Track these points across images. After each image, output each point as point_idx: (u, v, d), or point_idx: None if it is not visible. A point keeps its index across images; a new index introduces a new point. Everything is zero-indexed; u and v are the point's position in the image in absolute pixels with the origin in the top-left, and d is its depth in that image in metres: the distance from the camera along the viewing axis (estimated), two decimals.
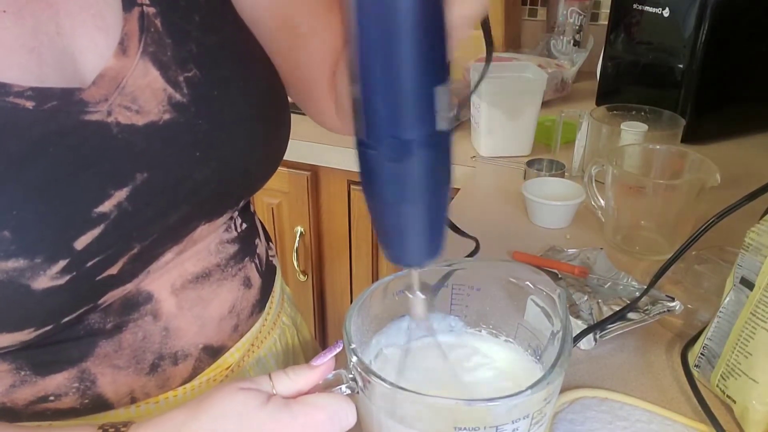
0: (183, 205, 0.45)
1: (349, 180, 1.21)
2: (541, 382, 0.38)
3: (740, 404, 0.51)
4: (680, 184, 0.78)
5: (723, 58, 1.07)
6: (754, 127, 1.16)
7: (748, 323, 0.51)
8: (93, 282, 0.41)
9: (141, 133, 0.41)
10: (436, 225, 0.34)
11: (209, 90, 0.45)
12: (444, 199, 0.34)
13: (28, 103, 0.37)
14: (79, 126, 0.39)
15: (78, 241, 0.39)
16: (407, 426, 0.40)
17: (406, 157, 0.31)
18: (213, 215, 0.49)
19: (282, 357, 0.63)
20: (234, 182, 0.49)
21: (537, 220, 0.87)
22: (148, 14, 0.43)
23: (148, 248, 0.44)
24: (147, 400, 0.50)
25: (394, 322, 0.50)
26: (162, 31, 0.43)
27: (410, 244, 0.35)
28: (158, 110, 0.42)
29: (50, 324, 0.41)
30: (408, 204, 0.33)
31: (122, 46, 0.42)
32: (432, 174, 0.32)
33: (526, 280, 0.47)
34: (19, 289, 0.37)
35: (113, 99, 0.41)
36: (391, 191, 0.32)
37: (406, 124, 0.31)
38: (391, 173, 0.32)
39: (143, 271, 0.46)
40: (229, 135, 0.47)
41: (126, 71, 0.41)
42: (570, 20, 1.44)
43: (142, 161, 0.42)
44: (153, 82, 0.42)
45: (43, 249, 0.38)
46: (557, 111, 1.03)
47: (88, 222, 0.39)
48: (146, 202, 0.42)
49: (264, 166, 0.53)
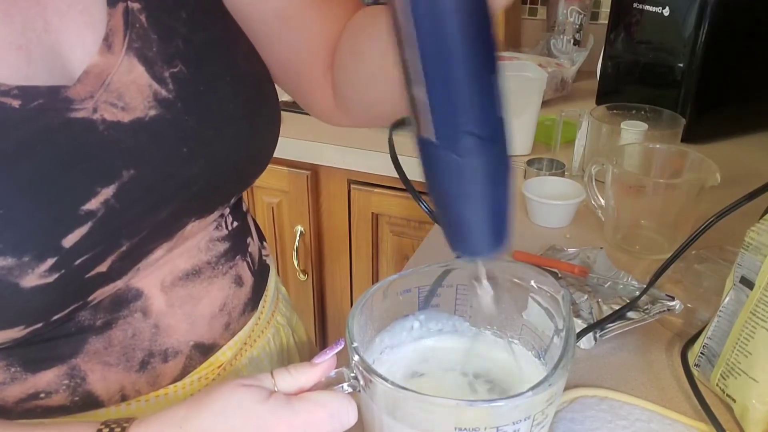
0: (172, 202, 0.45)
1: (349, 179, 1.21)
2: (543, 384, 0.38)
3: (740, 403, 0.52)
4: (680, 183, 0.78)
5: (723, 57, 1.07)
6: (754, 126, 1.17)
7: (748, 322, 0.51)
8: (82, 280, 0.41)
9: (127, 129, 0.41)
10: (506, 213, 0.35)
11: (196, 86, 0.45)
12: (510, 186, 0.34)
13: (14, 102, 0.37)
14: (65, 124, 0.39)
15: (66, 239, 0.39)
16: (408, 426, 0.40)
17: (478, 150, 0.32)
18: (203, 212, 0.49)
19: (276, 357, 0.63)
20: (223, 178, 0.49)
21: (537, 219, 0.87)
22: (132, 9, 0.43)
23: (138, 245, 0.44)
24: (138, 398, 0.50)
25: (397, 322, 0.50)
26: (147, 26, 0.43)
27: (482, 234, 0.35)
28: (144, 106, 0.42)
29: (40, 322, 0.41)
30: (481, 195, 0.33)
31: (107, 42, 0.41)
32: (501, 162, 0.33)
33: (530, 281, 0.47)
34: (8, 287, 0.38)
35: (99, 96, 0.40)
36: (463, 184, 0.33)
37: (478, 118, 0.31)
38: (463, 167, 0.32)
39: (133, 268, 0.46)
40: (216, 131, 0.46)
41: (111, 68, 0.41)
42: (570, 19, 1.44)
43: (129, 158, 0.41)
44: (138, 78, 0.42)
45: (31, 247, 0.38)
46: (557, 110, 1.03)
47: (75, 220, 0.39)
48: (134, 199, 0.42)
49: (253, 162, 0.53)
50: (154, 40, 0.43)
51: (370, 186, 1.19)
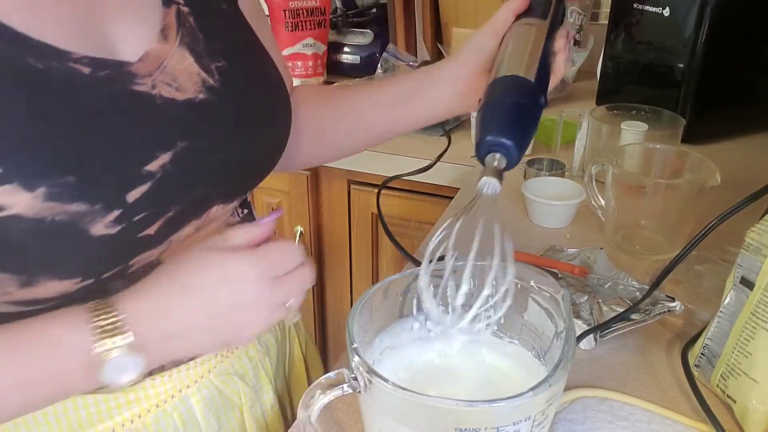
0: (210, 179, 0.50)
1: (349, 180, 1.21)
2: (544, 384, 0.38)
3: (740, 404, 0.52)
4: (680, 183, 0.78)
5: (723, 58, 1.07)
6: (755, 126, 1.16)
7: (749, 323, 0.51)
8: (134, 239, 0.45)
9: (180, 107, 0.47)
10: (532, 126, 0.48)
11: (235, 79, 0.51)
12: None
13: (85, 69, 0.42)
14: (128, 94, 0.44)
15: (130, 194, 0.43)
16: (408, 426, 0.40)
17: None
18: (228, 198, 0.53)
19: (276, 330, 0.66)
20: (251, 162, 0.54)
21: (537, 219, 0.87)
22: (183, 12, 0.49)
23: (178, 215, 0.48)
24: (161, 373, 0.53)
25: (397, 322, 0.50)
26: (195, 27, 0.49)
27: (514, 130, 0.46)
28: (194, 90, 0.48)
29: (93, 277, 0.45)
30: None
31: (163, 33, 0.47)
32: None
33: (530, 281, 0.47)
34: (80, 233, 0.41)
35: (156, 75, 0.46)
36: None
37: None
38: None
39: (168, 239, 0.49)
40: (251, 119, 0.53)
41: (166, 54, 0.47)
42: (570, 20, 1.44)
43: (182, 131, 0.46)
44: (189, 67, 0.48)
45: (102, 197, 0.42)
46: (557, 110, 1.03)
47: (138, 178, 0.44)
48: (185, 167, 0.47)
49: (273, 150, 0.57)
50: (200, 38, 0.49)
51: (370, 186, 1.19)
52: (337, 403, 0.55)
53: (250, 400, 0.59)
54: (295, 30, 1.36)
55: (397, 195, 1.17)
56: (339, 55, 1.49)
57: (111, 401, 0.50)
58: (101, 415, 0.50)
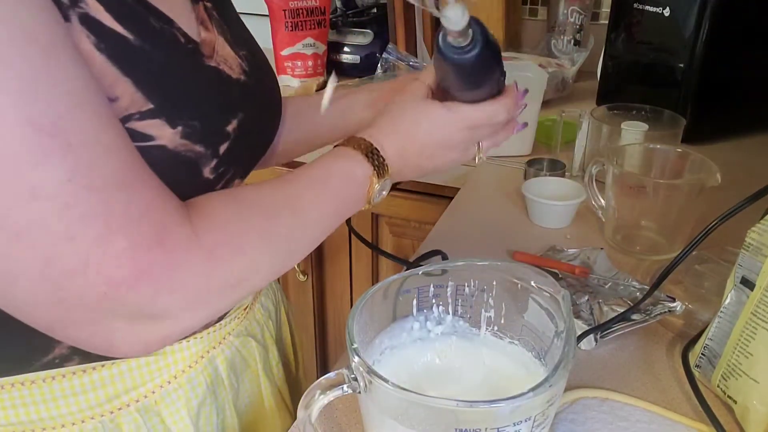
0: (246, 153, 0.55)
1: None
2: (544, 384, 0.38)
3: (741, 404, 0.52)
4: (681, 183, 0.78)
5: (723, 58, 1.06)
6: (755, 127, 1.16)
7: (749, 323, 0.51)
8: (214, 190, 0.50)
9: (235, 83, 0.52)
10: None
11: (257, 65, 0.57)
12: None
13: (181, 38, 0.48)
14: (204, 67, 0.50)
15: (221, 147, 0.49)
16: (409, 426, 0.40)
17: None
18: (243, 175, 0.57)
19: (271, 296, 0.72)
20: (259, 147, 0.60)
21: (537, 220, 0.87)
22: (207, 6, 0.53)
23: (229, 180, 0.52)
24: (194, 335, 0.56)
25: (397, 322, 0.50)
26: (220, 20, 0.54)
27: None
28: (238, 72, 0.53)
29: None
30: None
31: (204, 25, 0.52)
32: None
33: (530, 281, 0.47)
34: (197, 173, 0.48)
35: (214, 56, 0.51)
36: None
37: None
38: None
39: None
40: (268, 104, 0.60)
41: (214, 41, 0.52)
42: (570, 19, 1.44)
43: (239, 103, 0.52)
44: (229, 53, 0.53)
45: (211, 144, 0.48)
46: (558, 110, 1.03)
47: (224, 135, 0.50)
48: (245, 133, 0.52)
49: (269, 140, 0.63)
50: (226, 28, 0.54)
51: None
52: (337, 403, 0.55)
53: (262, 359, 0.65)
54: (295, 30, 1.36)
55: (397, 195, 1.17)
56: (339, 55, 1.50)
57: (152, 364, 0.54)
58: (143, 378, 0.53)
